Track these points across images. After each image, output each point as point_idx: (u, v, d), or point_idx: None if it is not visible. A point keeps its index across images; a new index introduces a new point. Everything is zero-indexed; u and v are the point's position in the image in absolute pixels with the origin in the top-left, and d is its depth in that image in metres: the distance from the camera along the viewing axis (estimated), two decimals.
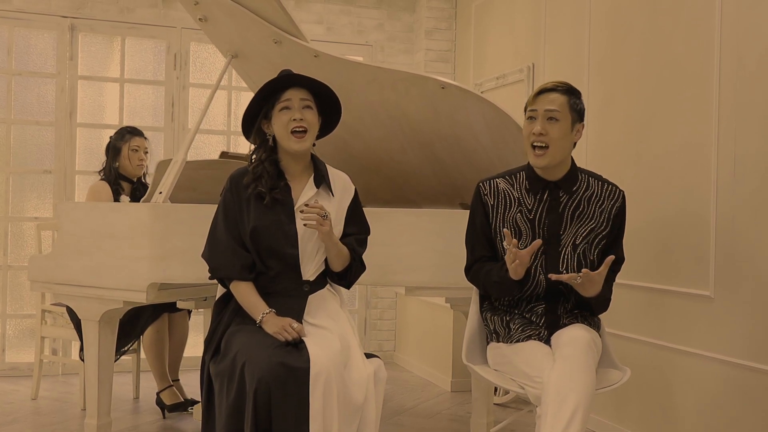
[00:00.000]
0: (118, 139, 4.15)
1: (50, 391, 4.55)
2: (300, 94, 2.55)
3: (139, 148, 4.14)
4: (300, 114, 2.52)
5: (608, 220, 2.60)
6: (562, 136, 2.53)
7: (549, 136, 2.51)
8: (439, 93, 3.33)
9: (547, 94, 2.55)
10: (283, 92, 2.54)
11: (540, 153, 2.52)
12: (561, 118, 2.52)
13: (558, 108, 2.52)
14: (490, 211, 2.63)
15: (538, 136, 2.52)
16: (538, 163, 2.54)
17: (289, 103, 2.54)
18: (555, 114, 2.52)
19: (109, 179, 4.10)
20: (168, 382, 4.00)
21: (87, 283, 3.12)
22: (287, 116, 2.53)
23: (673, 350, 3.32)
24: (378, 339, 5.72)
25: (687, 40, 3.32)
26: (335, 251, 2.56)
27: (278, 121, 2.54)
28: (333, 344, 2.38)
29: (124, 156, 4.13)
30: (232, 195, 2.57)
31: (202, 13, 3.42)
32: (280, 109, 2.54)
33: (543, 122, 2.52)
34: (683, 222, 3.30)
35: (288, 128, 2.52)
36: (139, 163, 4.14)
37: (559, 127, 2.52)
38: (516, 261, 2.42)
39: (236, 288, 2.53)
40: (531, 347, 2.45)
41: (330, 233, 2.49)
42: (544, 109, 2.53)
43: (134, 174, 4.16)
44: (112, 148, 4.15)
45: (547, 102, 2.53)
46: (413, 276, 3.16)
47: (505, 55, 4.91)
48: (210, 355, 2.49)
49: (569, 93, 2.57)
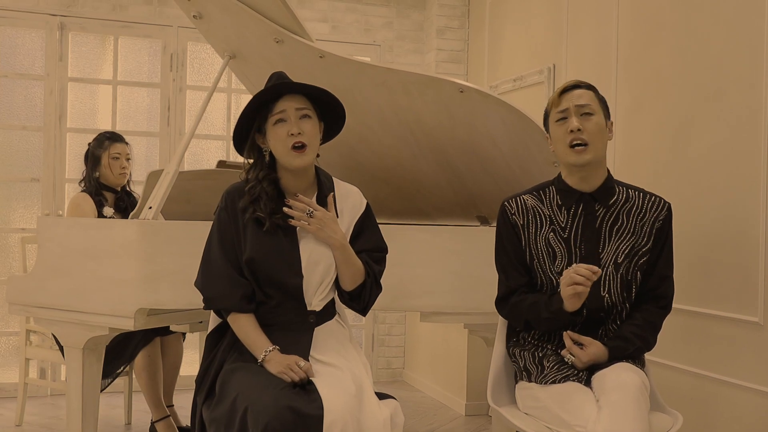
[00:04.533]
0: (96, 146, 3.84)
1: (36, 416, 4.26)
2: (295, 103, 2.24)
3: (120, 155, 3.83)
4: (297, 127, 2.22)
5: (650, 234, 2.32)
6: (599, 130, 2.31)
7: (586, 131, 2.28)
8: (457, 97, 3.05)
9: (572, 91, 2.33)
10: (276, 102, 2.24)
11: (581, 149, 2.28)
12: (594, 112, 2.31)
13: (589, 101, 2.31)
14: (521, 232, 2.35)
15: (576, 132, 2.27)
16: (580, 160, 2.28)
17: (283, 114, 2.23)
18: (588, 108, 2.30)
19: (91, 190, 3.80)
20: (164, 411, 3.70)
21: (69, 306, 2.86)
22: (283, 130, 2.22)
23: (716, 381, 3.02)
24: (386, 356, 5.42)
25: (730, 38, 3.03)
26: (342, 257, 2.24)
27: (274, 136, 2.23)
28: (347, 386, 2.08)
29: (105, 165, 3.82)
30: (227, 214, 2.27)
31: (197, 10, 3.16)
32: (275, 122, 2.23)
33: (577, 118, 2.29)
34: (727, 239, 3.00)
35: (287, 144, 2.21)
36: (122, 171, 3.83)
37: (595, 120, 2.30)
38: (574, 289, 2.14)
39: (235, 321, 2.23)
40: (569, 390, 2.15)
41: (323, 232, 2.20)
42: (575, 105, 2.30)
43: (117, 183, 3.86)
44: (91, 156, 3.84)
45: (574, 98, 2.31)
46: (429, 300, 2.88)
47: (523, 55, 4.62)
48: (203, 397, 2.19)
49: (593, 88, 2.36)
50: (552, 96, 2.36)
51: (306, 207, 2.18)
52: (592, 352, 2.21)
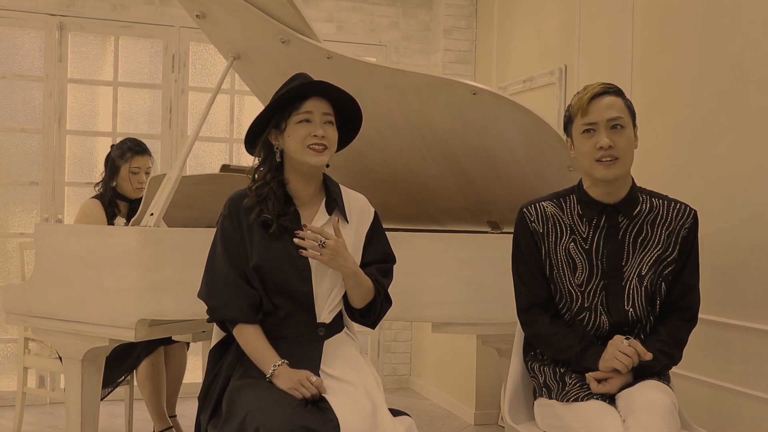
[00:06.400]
0: (118, 156, 3.67)
1: (35, 425, 4.17)
2: (322, 107, 2.17)
3: (140, 170, 3.66)
4: (322, 130, 2.14)
5: (675, 243, 2.21)
6: (628, 145, 2.18)
7: (618, 147, 2.14)
8: (470, 99, 2.94)
9: (601, 99, 2.17)
10: (303, 102, 2.15)
11: (610, 163, 2.14)
12: (626, 125, 2.17)
13: (620, 113, 2.17)
14: (540, 240, 2.24)
15: (608, 150, 2.14)
16: (609, 175, 2.15)
17: (310, 116, 2.15)
18: (620, 121, 2.16)
19: (105, 199, 3.65)
20: (167, 423, 3.60)
21: (67, 317, 2.77)
22: (306, 131, 2.14)
23: (737, 393, 2.92)
24: (392, 363, 5.32)
25: (751, 37, 2.92)
26: (354, 283, 2.15)
27: (294, 135, 2.14)
28: (362, 404, 1.99)
29: (123, 177, 3.66)
30: (231, 221, 2.17)
31: (200, 9, 3.08)
32: (298, 121, 2.14)
33: (607, 132, 2.15)
34: (749, 245, 2.89)
35: (305, 143, 2.13)
36: (139, 186, 3.65)
37: (626, 135, 2.17)
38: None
39: (241, 333, 2.13)
40: (593, 409, 2.04)
41: (336, 261, 2.09)
42: (606, 118, 2.15)
43: (133, 196, 3.70)
44: (111, 165, 3.68)
45: (604, 108, 2.16)
46: (440, 311, 2.77)
47: (533, 55, 4.51)
48: (208, 415, 2.08)
49: (621, 94, 2.22)
50: (576, 100, 2.21)
51: (318, 237, 2.08)
52: (619, 383, 2.10)
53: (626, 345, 2.09)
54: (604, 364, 2.10)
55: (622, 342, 2.10)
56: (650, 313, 2.21)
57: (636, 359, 2.09)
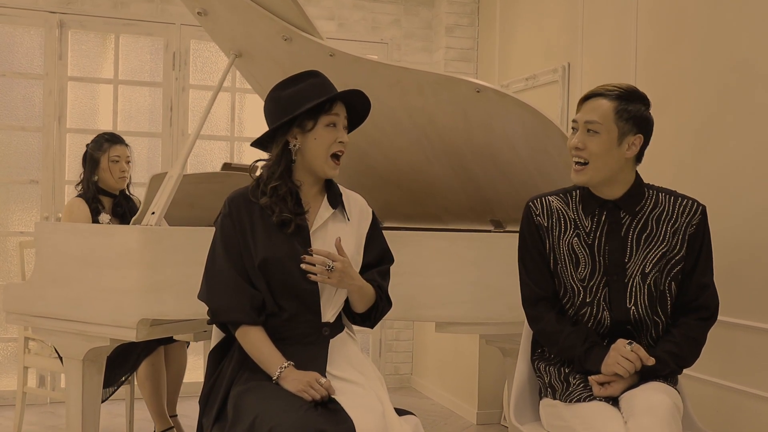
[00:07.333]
0: (95, 149, 3.67)
1: (35, 425, 4.15)
2: (344, 112, 2.17)
3: (119, 158, 3.66)
4: (345, 136, 2.15)
5: (682, 240, 2.18)
6: (602, 151, 2.14)
7: (587, 150, 2.15)
8: (473, 97, 2.92)
9: (592, 101, 2.17)
10: (333, 105, 2.14)
11: (578, 168, 2.17)
12: (602, 131, 2.14)
13: (598, 119, 2.14)
14: (545, 234, 2.23)
15: (575, 150, 2.17)
16: (575, 180, 2.20)
17: (336, 119, 2.15)
18: (594, 126, 2.14)
19: (88, 196, 3.63)
20: (168, 423, 3.58)
21: (68, 316, 2.75)
22: (333, 135, 2.13)
23: (742, 393, 2.90)
24: (394, 362, 5.30)
25: (757, 37, 2.90)
26: (358, 292, 2.15)
27: (321, 138, 2.13)
28: (373, 406, 1.97)
29: (104, 168, 3.66)
30: (232, 221, 2.14)
31: (201, 7, 3.05)
32: (327, 124, 2.13)
33: (582, 134, 2.16)
34: (754, 245, 2.87)
35: (330, 150, 2.13)
36: (121, 174, 3.67)
37: (598, 140, 2.14)
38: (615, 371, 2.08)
39: (244, 335, 2.09)
40: (595, 410, 2.02)
41: (344, 282, 2.09)
42: (584, 120, 2.16)
43: (116, 187, 3.70)
44: (89, 159, 3.67)
45: (588, 110, 2.16)
46: (445, 311, 2.75)
47: (536, 53, 4.49)
48: (211, 419, 2.05)
49: (621, 99, 2.16)
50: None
51: (325, 261, 2.06)
52: (621, 386, 2.08)
53: (628, 350, 2.08)
54: (606, 368, 2.09)
55: (624, 346, 2.09)
56: (655, 314, 2.18)
57: (638, 364, 2.07)
